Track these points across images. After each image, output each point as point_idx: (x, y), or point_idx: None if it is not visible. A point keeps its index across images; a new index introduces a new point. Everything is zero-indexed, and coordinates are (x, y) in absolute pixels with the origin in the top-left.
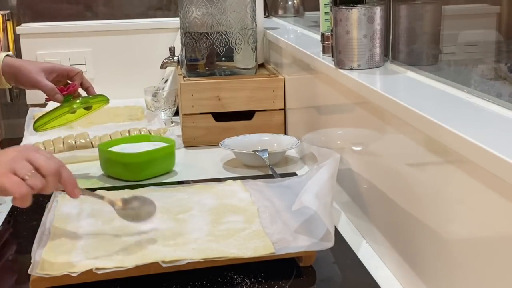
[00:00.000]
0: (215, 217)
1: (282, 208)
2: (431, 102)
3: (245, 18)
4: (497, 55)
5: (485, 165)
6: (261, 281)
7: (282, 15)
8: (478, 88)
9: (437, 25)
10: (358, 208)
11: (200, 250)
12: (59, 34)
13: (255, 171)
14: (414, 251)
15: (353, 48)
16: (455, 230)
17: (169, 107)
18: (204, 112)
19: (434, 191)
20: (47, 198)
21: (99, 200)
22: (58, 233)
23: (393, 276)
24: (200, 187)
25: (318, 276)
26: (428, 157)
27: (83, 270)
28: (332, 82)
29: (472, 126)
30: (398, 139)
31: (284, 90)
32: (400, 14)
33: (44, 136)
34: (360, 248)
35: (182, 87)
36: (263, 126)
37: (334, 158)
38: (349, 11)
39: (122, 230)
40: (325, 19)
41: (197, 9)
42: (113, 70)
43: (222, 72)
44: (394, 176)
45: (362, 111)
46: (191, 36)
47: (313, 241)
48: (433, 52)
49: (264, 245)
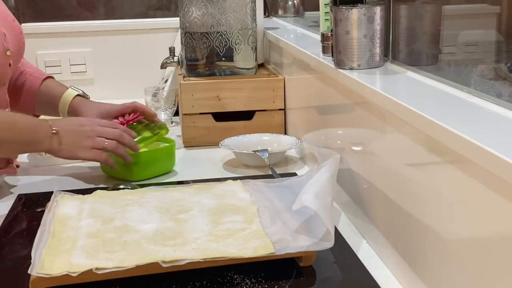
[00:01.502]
0: (215, 217)
1: (282, 208)
2: (431, 102)
3: (245, 18)
4: (497, 55)
5: (485, 165)
6: (261, 281)
7: (282, 15)
8: (478, 88)
9: (437, 25)
10: (358, 208)
11: (200, 250)
12: (59, 34)
13: (255, 171)
14: (414, 251)
15: (353, 48)
16: (455, 230)
17: (169, 107)
18: (204, 112)
19: (434, 191)
20: (47, 198)
21: (99, 200)
22: (58, 233)
23: (393, 276)
24: (200, 187)
25: (318, 276)
26: (428, 157)
27: (83, 270)
28: (332, 82)
29: (472, 126)
30: (398, 139)
31: (284, 90)
32: (400, 14)
33: None
34: (360, 248)
35: (182, 87)
36: (263, 126)
37: (334, 158)
38: (349, 11)
39: (122, 230)
40: (325, 19)
41: (197, 9)
42: (113, 70)
43: (222, 72)
44: (394, 176)
45: (362, 111)
46: (191, 36)
47: (313, 241)
48: (433, 52)
49: (264, 245)
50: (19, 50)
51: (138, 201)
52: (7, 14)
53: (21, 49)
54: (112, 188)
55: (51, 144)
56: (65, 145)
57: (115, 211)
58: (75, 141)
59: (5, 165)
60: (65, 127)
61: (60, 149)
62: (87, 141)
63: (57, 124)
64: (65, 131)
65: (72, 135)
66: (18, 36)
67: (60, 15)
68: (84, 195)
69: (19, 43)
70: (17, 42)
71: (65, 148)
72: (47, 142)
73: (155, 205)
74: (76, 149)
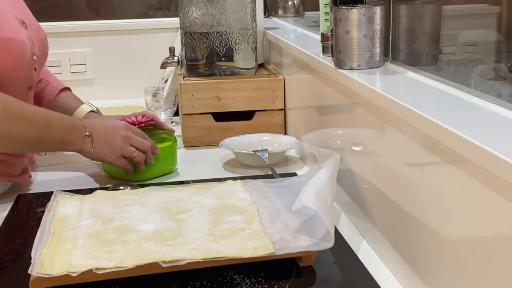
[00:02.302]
0: (215, 217)
1: (282, 208)
2: (431, 102)
3: (245, 18)
4: (497, 55)
5: (485, 165)
6: (261, 281)
7: (282, 15)
8: (478, 88)
9: (437, 25)
10: (358, 208)
11: (200, 250)
12: (59, 34)
13: (255, 171)
14: (414, 251)
15: (353, 48)
16: (455, 230)
17: (169, 107)
18: (204, 112)
19: (434, 191)
20: (47, 198)
21: (99, 200)
22: (58, 233)
23: (393, 276)
24: (200, 187)
25: (318, 276)
26: (428, 157)
27: (83, 270)
28: (332, 82)
29: (472, 126)
30: (398, 139)
31: (284, 90)
32: (400, 14)
33: None
34: (360, 248)
35: (182, 87)
36: (263, 126)
37: (334, 158)
38: (349, 11)
39: (122, 230)
40: (325, 19)
41: (197, 9)
42: (113, 70)
43: (222, 72)
44: (394, 176)
45: (362, 111)
46: (191, 36)
47: (313, 241)
48: (433, 52)
49: (264, 245)
50: (44, 55)
51: (138, 201)
52: (34, 20)
53: (45, 54)
54: (112, 188)
55: (83, 145)
56: (96, 148)
57: (115, 211)
58: (107, 146)
59: (20, 173)
60: (99, 129)
61: (90, 151)
62: (119, 148)
63: (92, 126)
64: (99, 134)
65: (105, 139)
66: (43, 42)
67: (60, 15)
68: (84, 195)
69: (43, 49)
70: (42, 47)
71: (95, 151)
72: (79, 144)
73: (155, 205)
74: (106, 154)
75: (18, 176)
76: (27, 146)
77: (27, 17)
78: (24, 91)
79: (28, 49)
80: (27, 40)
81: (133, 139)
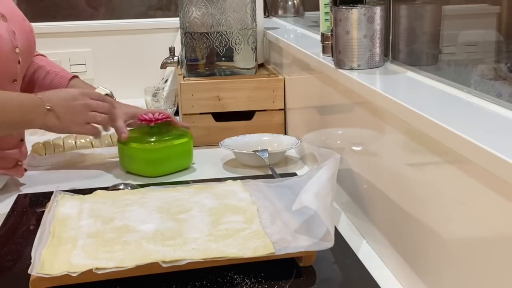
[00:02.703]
0: (215, 217)
1: (282, 208)
2: (431, 102)
3: (245, 18)
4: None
5: (485, 165)
6: (261, 281)
7: (282, 15)
8: (478, 88)
9: (437, 25)
10: (358, 208)
11: (200, 250)
12: (59, 34)
13: (255, 171)
14: (414, 251)
15: (353, 48)
16: (455, 230)
17: (169, 107)
18: (204, 112)
19: (434, 191)
20: (47, 198)
21: (99, 200)
22: (58, 233)
23: (393, 276)
24: (200, 187)
25: (318, 276)
26: (428, 157)
27: (83, 270)
28: (332, 82)
29: (472, 126)
30: (398, 139)
31: (284, 90)
32: (400, 14)
33: (44, 136)
34: (360, 248)
35: (182, 87)
36: (263, 126)
37: (334, 158)
38: (349, 11)
39: (122, 230)
40: (325, 19)
41: (197, 9)
42: (113, 70)
43: (222, 72)
44: (394, 176)
45: (362, 111)
46: (191, 36)
47: (313, 241)
48: (433, 52)
49: (264, 245)
50: (29, 48)
51: (138, 201)
52: (17, 12)
53: (31, 47)
54: (112, 188)
55: (45, 121)
56: (59, 121)
57: (115, 211)
58: (69, 116)
59: (13, 166)
60: (58, 102)
61: (54, 125)
62: (81, 116)
63: (50, 99)
64: (59, 106)
65: (66, 110)
66: (28, 35)
67: (60, 15)
68: (84, 195)
69: (29, 41)
70: (27, 40)
71: (59, 124)
72: (41, 119)
73: (155, 205)
74: (70, 125)
75: (11, 168)
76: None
77: (7, 10)
78: (7, 84)
79: (8, 42)
80: (7, 33)
81: (93, 104)
